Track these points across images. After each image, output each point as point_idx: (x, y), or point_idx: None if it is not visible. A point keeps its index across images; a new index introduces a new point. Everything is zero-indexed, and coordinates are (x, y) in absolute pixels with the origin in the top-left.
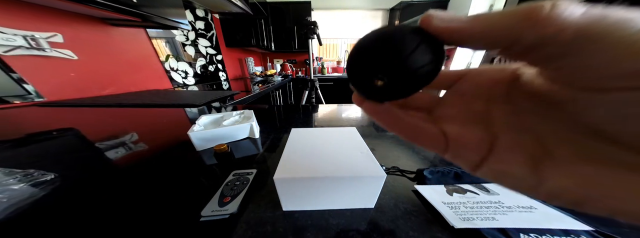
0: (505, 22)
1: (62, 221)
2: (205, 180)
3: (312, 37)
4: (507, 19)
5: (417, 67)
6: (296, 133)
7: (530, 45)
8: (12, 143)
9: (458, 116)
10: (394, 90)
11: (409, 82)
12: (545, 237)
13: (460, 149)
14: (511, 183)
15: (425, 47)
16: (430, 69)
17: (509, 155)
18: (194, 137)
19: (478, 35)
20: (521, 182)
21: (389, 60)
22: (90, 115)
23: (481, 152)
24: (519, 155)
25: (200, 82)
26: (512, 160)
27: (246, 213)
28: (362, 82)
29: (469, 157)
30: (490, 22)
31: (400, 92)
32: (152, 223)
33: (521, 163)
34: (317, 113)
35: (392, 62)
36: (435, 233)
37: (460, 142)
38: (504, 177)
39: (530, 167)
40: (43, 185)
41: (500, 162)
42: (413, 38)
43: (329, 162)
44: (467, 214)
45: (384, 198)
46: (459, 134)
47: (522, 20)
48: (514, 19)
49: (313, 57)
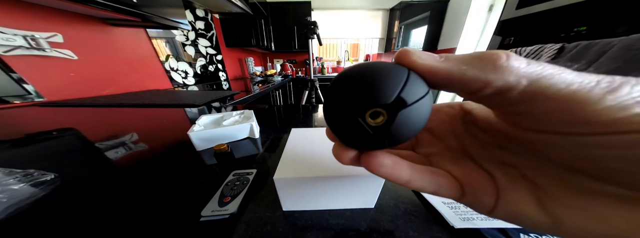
0: (477, 66)
1: (62, 221)
2: (205, 180)
3: (312, 37)
4: (477, 62)
5: (416, 98)
6: (296, 133)
7: (497, 90)
8: (12, 143)
9: (443, 153)
10: (395, 131)
11: (411, 117)
12: (545, 237)
13: (475, 193)
14: (530, 225)
15: (415, 78)
16: (426, 102)
17: (515, 193)
18: (194, 137)
19: (449, 78)
20: (538, 224)
21: (384, 91)
22: (90, 115)
23: (493, 193)
24: (522, 192)
25: (200, 82)
26: (519, 199)
27: (246, 213)
28: (351, 122)
29: (484, 201)
30: (461, 62)
31: (403, 133)
32: (152, 223)
33: (528, 200)
34: (317, 113)
35: (388, 93)
36: (435, 233)
37: (472, 185)
38: (519, 218)
39: (536, 204)
40: (43, 185)
41: (511, 202)
42: (400, 69)
43: (329, 162)
44: (467, 214)
45: (384, 198)
46: (466, 176)
47: (489, 66)
48: (482, 63)
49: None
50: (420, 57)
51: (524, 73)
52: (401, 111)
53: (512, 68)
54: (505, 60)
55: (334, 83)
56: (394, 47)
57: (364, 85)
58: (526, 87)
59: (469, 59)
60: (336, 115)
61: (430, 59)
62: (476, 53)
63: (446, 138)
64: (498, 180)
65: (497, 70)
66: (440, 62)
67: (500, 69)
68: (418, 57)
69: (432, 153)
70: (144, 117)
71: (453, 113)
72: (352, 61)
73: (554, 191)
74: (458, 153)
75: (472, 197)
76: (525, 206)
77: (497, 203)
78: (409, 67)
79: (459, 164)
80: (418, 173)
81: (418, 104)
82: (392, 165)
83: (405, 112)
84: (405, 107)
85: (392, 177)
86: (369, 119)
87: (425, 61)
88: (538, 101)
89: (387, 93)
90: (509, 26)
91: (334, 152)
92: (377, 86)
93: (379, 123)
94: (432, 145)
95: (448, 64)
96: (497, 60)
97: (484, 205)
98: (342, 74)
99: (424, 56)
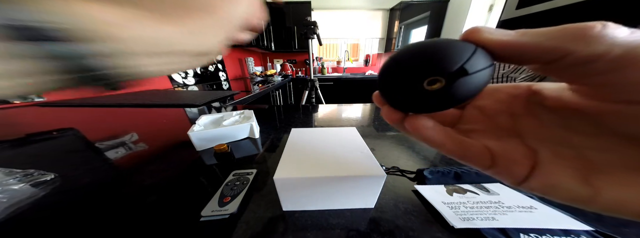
0: (559, 37)
1: (62, 221)
2: (205, 180)
3: (312, 37)
4: (560, 34)
5: (477, 70)
6: (296, 133)
7: (579, 60)
8: (12, 143)
9: (487, 131)
10: (451, 95)
11: (469, 85)
12: (545, 237)
13: (508, 164)
14: (563, 196)
15: (481, 54)
16: (487, 73)
17: (555, 167)
18: (194, 137)
19: (529, 48)
20: (574, 195)
21: (449, 62)
22: (90, 115)
23: (527, 166)
24: (566, 167)
25: (200, 82)
26: (560, 173)
27: (246, 213)
28: (410, 88)
29: (516, 172)
30: (543, 36)
31: (457, 98)
32: (152, 223)
33: (569, 175)
34: (317, 113)
35: (452, 64)
36: (435, 233)
37: (506, 156)
38: (554, 190)
39: (580, 179)
40: (43, 185)
41: (548, 174)
42: (468, 46)
43: (329, 162)
44: (467, 214)
45: (384, 198)
46: (503, 149)
47: (575, 37)
48: (566, 34)
49: (313, 57)
50: (490, 33)
51: (622, 41)
52: (458, 80)
53: (606, 37)
54: (600, 29)
55: (400, 52)
56: (394, 47)
57: (428, 57)
58: (620, 55)
59: (550, 31)
60: (392, 81)
61: (500, 34)
62: (561, 26)
63: (497, 116)
64: (541, 155)
65: (584, 41)
66: (514, 36)
67: (590, 39)
68: (488, 32)
69: (474, 130)
70: (144, 117)
71: (516, 93)
72: (352, 61)
73: (605, 167)
74: (504, 131)
75: (503, 168)
76: (564, 179)
77: (530, 175)
78: (476, 44)
79: (500, 140)
80: (452, 139)
81: (475, 76)
82: (433, 127)
83: (462, 83)
84: (463, 78)
85: (430, 139)
86: (425, 84)
87: (494, 36)
88: (628, 70)
89: (451, 63)
90: (509, 26)
91: (382, 113)
92: (441, 57)
93: (434, 89)
94: (478, 122)
95: (524, 37)
96: (589, 30)
97: (515, 176)
98: (409, 46)
99: (495, 31)
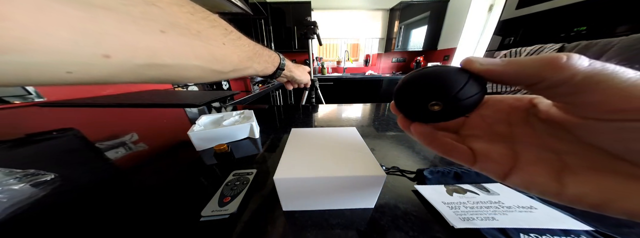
0: (535, 67)
1: (62, 221)
2: (205, 180)
3: (312, 37)
4: (536, 64)
5: (467, 97)
6: (296, 133)
7: (551, 84)
8: (12, 143)
9: (483, 136)
10: (447, 114)
11: (460, 108)
12: (545, 237)
13: (487, 162)
14: (537, 191)
15: (472, 82)
16: (475, 99)
17: (532, 167)
18: (194, 137)
19: (513, 75)
20: (546, 189)
21: (446, 91)
22: (90, 115)
23: (506, 165)
24: (541, 167)
25: None
26: (535, 172)
27: (246, 213)
28: (417, 108)
29: (496, 169)
30: (522, 66)
31: (451, 116)
32: (152, 223)
33: (544, 174)
34: (317, 113)
35: (449, 92)
36: (435, 233)
37: (486, 156)
38: (531, 185)
39: (552, 177)
40: (43, 185)
41: (526, 173)
42: (463, 75)
43: (329, 162)
44: (467, 214)
45: (384, 198)
46: (485, 150)
47: (546, 66)
48: (541, 64)
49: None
50: (480, 64)
51: (584, 70)
52: (452, 105)
53: (570, 66)
54: (565, 60)
55: (411, 78)
56: (394, 47)
57: (430, 86)
58: (580, 81)
59: (528, 61)
60: (405, 101)
61: (489, 64)
62: (537, 56)
63: (496, 124)
64: (523, 157)
65: (553, 69)
66: (500, 65)
67: (558, 68)
68: (479, 63)
69: (472, 135)
70: (144, 117)
71: (518, 105)
72: (352, 61)
73: (575, 168)
74: (497, 136)
75: (484, 165)
76: (539, 177)
77: (511, 173)
78: (470, 72)
79: (489, 143)
80: (440, 141)
81: (466, 101)
82: (429, 132)
83: (455, 106)
84: (457, 103)
85: (424, 140)
86: (429, 106)
87: (484, 66)
88: (588, 93)
89: (447, 92)
90: (509, 26)
91: (399, 121)
92: (440, 86)
93: (435, 109)
94: (477, 128)
95: (508, 67)
96: (558, 60)
97: (496, 173)
98: (413, 76)
99: (484, 62)
